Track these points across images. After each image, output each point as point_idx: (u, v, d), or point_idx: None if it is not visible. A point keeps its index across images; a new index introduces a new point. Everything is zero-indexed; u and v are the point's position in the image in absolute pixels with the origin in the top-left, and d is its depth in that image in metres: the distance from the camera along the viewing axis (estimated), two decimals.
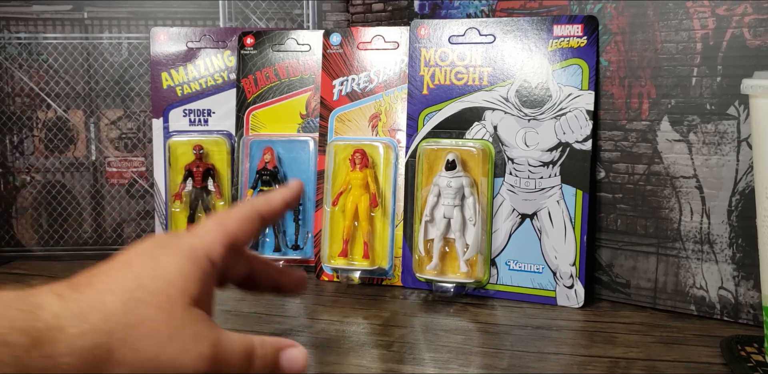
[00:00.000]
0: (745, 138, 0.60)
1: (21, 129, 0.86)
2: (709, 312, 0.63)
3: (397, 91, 0.76)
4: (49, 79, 0.86)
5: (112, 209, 0.88)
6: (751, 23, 0.59)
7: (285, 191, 0.49)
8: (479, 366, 0.53)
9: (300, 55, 0.82)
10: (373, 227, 0.75)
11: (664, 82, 0.64)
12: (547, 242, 0.69)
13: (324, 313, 0.66)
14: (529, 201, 0.69)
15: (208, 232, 0.42)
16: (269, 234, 0.80)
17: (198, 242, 0.41)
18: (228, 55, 0.84)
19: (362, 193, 0.74)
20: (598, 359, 0.54)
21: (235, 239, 0.43)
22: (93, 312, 0.35)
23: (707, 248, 0.63)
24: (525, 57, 0.70)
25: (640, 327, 0.62)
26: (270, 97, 0.82)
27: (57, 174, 0.87)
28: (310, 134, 0.81)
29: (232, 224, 0.43)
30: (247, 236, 0.44)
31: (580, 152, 0.68)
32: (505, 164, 0.71)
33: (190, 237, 0.41)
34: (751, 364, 0.51)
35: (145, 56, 0.86)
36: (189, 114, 0.85)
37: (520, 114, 0.70)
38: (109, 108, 0.87)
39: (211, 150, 0.84)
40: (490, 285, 0.71)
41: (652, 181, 0.66)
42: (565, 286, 0.68)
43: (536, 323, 0.63)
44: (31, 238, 0.87)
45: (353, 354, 0.55)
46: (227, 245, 0.42)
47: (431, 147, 0.72)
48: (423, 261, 0.71)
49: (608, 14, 0.67)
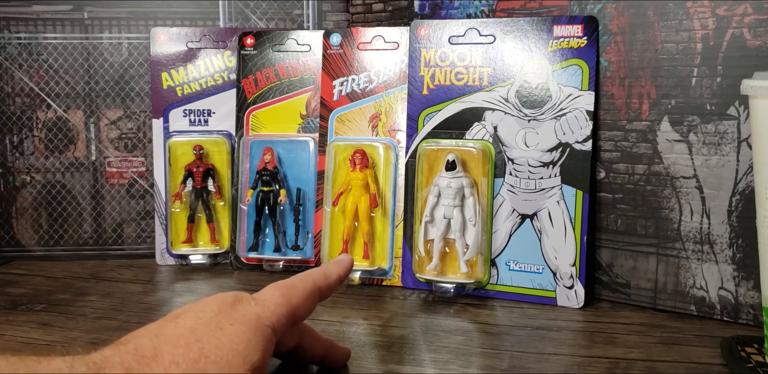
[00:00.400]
0: (745, 138, 0.60)
1: (21, 129, 0.86)
2: (709, 313, 0.63)
3: (397, 91, 0.76)
4: (49, 79, 0.86)
5: (112, 209, 0.88)
6: (752, 23, 0.59)
7: (341, 268, 0.51)
8: (479, 366, 0.53)
9: (300, 55, 0.82)
10: (373, 228, 0.75)
11: (664, 83, 0.64)
12: (547, 243, 0.69)
13: (324, 314, 0.66)
14: (529, 202, 0.69)
15: (274, 304, 0.44)
16: (269, 234, 0.80)
17: (264, 312, 0.43)
18: (228, 56, 0.84)
19: (362, 193, 0.74)
20: (598, 359, 0.54)
21: (297, 313, 0.45)
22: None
23: (707, 248, 0.63)
24: (525, 57, 0.70)
25: (640, 328, 0.62)
26: (270, 97, 0.82)
27: (57, 174, 0.87)
28: (310, 135, 0.81)
29: (297, 299, 0.45)
30: (307, 312, 0.46)
31: (580, 152, 0.68)
32: (505, 165, 0.71)
33: (257, 306, 0.43)
34: (752, 365, 0.51)
35: (145, 56, 0.86)
36: (189, 114, 0.84)
37: (520, 114, 0.70)
38: (109, 108, 0.87)
39: (211, 150, 0.84)
40: (490, 285, 0.71)
41: (652, 181, 0.66)
42: (565, 286, 0.68)
43: (536, 323, 0.63)
44: (31, 238, 0.87)
45: (353, 355, 0.55)
46: (290, 318, 0.44)
47: (431, 147, 0.72)
48: (423, 262, 0.71)
49: (608, 14, 0.67)
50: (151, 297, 0.71)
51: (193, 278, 0.79)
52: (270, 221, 0.80)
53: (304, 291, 0.46)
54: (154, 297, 0.71)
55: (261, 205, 0.79)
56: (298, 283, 0.46)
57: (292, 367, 0.52)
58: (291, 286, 0.46)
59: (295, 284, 0.46)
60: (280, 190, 0.79)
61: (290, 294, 0.45)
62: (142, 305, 0.68)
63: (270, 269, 0.80)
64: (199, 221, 0.83)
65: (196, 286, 0.75)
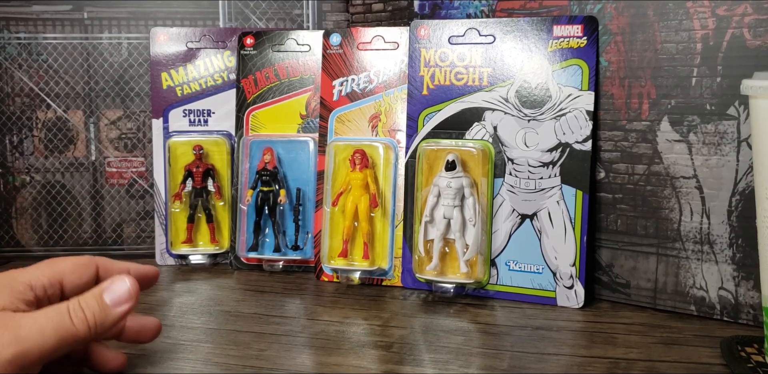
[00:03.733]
0: (745, 138, 0.60)
1: (21, 129, 0.86)
2: (709, 313, 0.63)
3: (397, 91, 0.76)
4: (48, 79, 0.86)
5: (111, 209, 0.88)
6: (751, 23, 0.59)
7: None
8: (479, 366, 0.53)
9: (300, 55, 0.82)
10: (372, 228, 0.75)
11: (664, 83, 0.64)
12: (547, 243, 0.69)
13: (324, 314, 0.66)
14: (529, 202, 0.69)
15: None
16: (269, 234, 0.80)
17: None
18: (228, 56, 0.84)
19: (362, 193, 0.74)
20: (598, 360, 0.54)
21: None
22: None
23: (707, 248, 0.63)
24: (525, 57, 0.70)
25: (640, 328, 0.61)
26: (270, 97, 0.82)
27: (57, 174, 0.87)
28: (310, 135, 0.81)
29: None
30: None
31: (580, 152, 0.68)
32: (504, 165, 0.71)
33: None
34: (751, 365, 0.51)
35: (145, 56, 0.86)
36: (189, 114, 0.84)
37: (520, 114, 0.70)
38: (109, 108, 0.87)
39: (211, 150, 0.84)
40: (490, 285, 0.71)
41: (652, 181, 0.66)
42: (565, 286, 0.68)
43: (536, 323, 0.63)
44: (31, 238, 0.87)
45: (353, 355, 0.55)
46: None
47: (431, 147, 0.72)
48: (423, 262, 0.71)
49: (608, 14, 0.67)
50: (150, 297, 0.71)
51: (193, 278, 0.79)
52: (270, 221, 0.80)
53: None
54: (153, 297, 0.71)
55: (261, 205, 0.79)
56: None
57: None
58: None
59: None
60: (279, 190, 0.79)
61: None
62: (141, 305, 0.68)
63: (270, 270, 0.80)
64: (198, 221, 0.83)
65: (196, 286, 0.75)
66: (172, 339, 0.59)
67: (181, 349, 0.56)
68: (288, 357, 0.55)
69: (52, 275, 0.47)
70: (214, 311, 0.67)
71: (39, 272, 0.47)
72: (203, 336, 0.60)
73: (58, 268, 0.48)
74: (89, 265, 0.50)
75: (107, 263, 0.51)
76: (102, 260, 0.51)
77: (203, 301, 0.70)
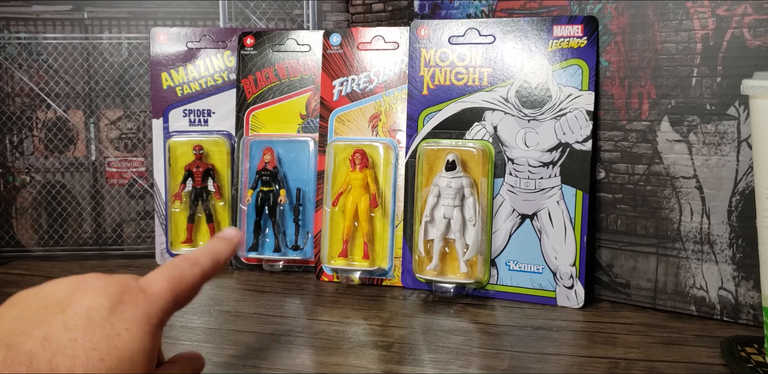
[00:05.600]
0: (745, 138, 0.60)
1: (21, 129, 0.86)
2: (709, 313, 0.63)
3: (397, 91, 0.76)
4: (49, 79, 0.86)
5: (111, 209, 0.88)
6: (751, 23, 0.59)
7: (228, 248, 0.49)
8: (479, 366, 0.53)
9: (300, 55, 0.82)
10: (373, 228, 0.75)
11: (664, 83, 0.64)
12: (547, 243, 0.69)
13: (324, 314, 0.66)
14: (529, 202, 0.69)
15: (162, 299, 0.43)
16: (269, 234, 0.80)
17: (152, 309, 0.41)
18: (228, 56, 0.84)
19: (362, 193, 0.74)
20: (598, 360, 0.54)
21: (179, 305, 0.44)
22: None
23: (707, 248, 0.63)
24: (525, 57, 0.70)
25: (640, 328, 0.62)
26: (270, 97, 0.82)
27: (57, 174, 0.87)
28: (310, 135, 0.81)
29: (184, 292, 0.44)
30: (188, 302, 0.46)
31: (580, 152, 0.68)
32: (505, 165, 0.71)
33: (146, 302, 0.41)
34: (752, 365, 0.51)
35: (145, 56, 0.86)
36: (189, 114, 0.84)
37: (520, 114, 0.70)
38: (109, 108, 0.87)
39: (211, 150, 0.84)
40: (490, 285, 0.71)
41: (652, 181, 0.66)
42: (565, 286, 0.68)
43: (536, 323, 0.63)
44: (31, 238, 0.87)
45: (353, 355, 0.55)
46: (172, 312, 0.44)
47: (431, 147, 0.72)
48: (423, 262, 0.71)
49: (608, 14, 0.67)
50: None
51: None
52: (270, 221, 0.80)
53: (191, 284, 0.44)
54: None
55: (261, 205, 0.79)
56: (188, 274, 0.44)
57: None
58: (180, 278, 0.44)
59: (184, 275, 0.44)
60: (279, 190, 0.79)
61: (178, 289, 0.43)
62: None
63: (270, 269, 0.80)
64: (199, 221, 0.83)
65: None
66: (172, 339, 0.59)
67: (181, 349, 0.56)
68: (288, 357, 0.55)
69: (174, 308, 0.44)
70: (214, 311, 0.67)
71: (167, 306, 0.43)
72: (203, 335, 0.60)
73: (180, 297, 0.44)
74: (200, 284, 0.46)
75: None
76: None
77: (203, 301, 0.70)
